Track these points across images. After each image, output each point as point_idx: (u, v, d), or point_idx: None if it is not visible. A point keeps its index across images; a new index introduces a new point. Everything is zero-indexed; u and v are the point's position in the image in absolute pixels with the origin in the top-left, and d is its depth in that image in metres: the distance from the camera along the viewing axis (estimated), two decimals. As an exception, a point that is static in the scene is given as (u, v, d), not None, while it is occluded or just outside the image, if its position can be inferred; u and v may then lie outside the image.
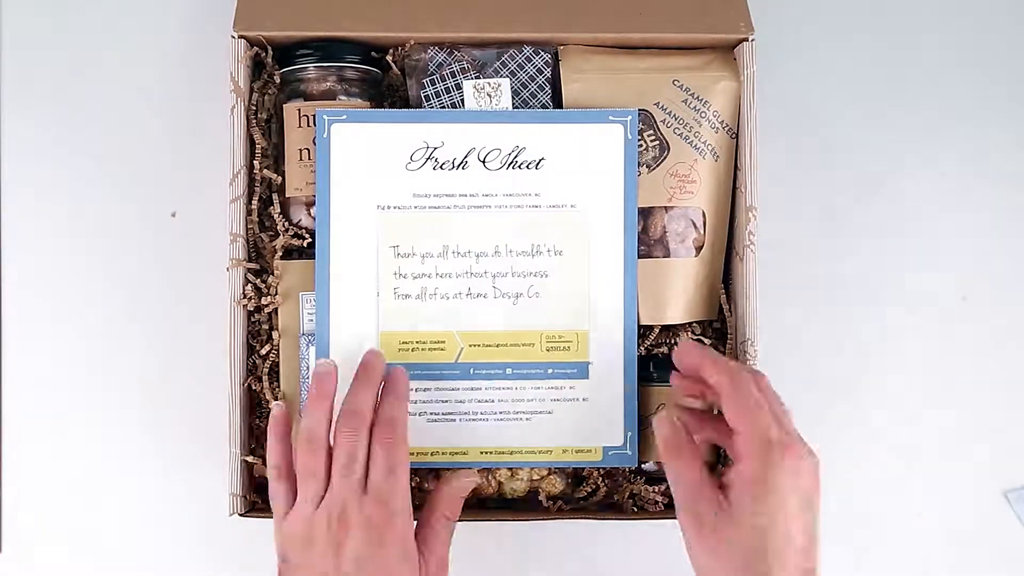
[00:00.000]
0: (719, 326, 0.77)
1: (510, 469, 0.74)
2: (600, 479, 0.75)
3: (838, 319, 0.84)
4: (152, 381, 0.82)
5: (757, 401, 0.61)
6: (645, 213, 0.75)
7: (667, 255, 0.75)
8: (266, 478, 0.74)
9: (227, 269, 0.73)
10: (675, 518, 0.75)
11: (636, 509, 0.75)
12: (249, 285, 0.74)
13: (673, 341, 0.76)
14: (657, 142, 0.74)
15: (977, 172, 0.85)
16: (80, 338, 0.82)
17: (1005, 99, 0.86)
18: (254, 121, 0.75)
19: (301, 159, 0.74)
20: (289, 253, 0.75)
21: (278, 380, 0.74)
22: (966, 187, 0.85)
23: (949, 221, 0.85)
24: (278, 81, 0.76)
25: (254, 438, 0.75)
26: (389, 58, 0.75)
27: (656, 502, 0.74)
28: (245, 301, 0.73)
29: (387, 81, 0.77)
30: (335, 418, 0.65)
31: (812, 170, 0.85)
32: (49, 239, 0.83)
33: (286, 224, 0.74)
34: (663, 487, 0.74)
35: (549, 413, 0.73)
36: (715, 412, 0.68)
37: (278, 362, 0.74)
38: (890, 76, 0.85)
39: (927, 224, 0.85)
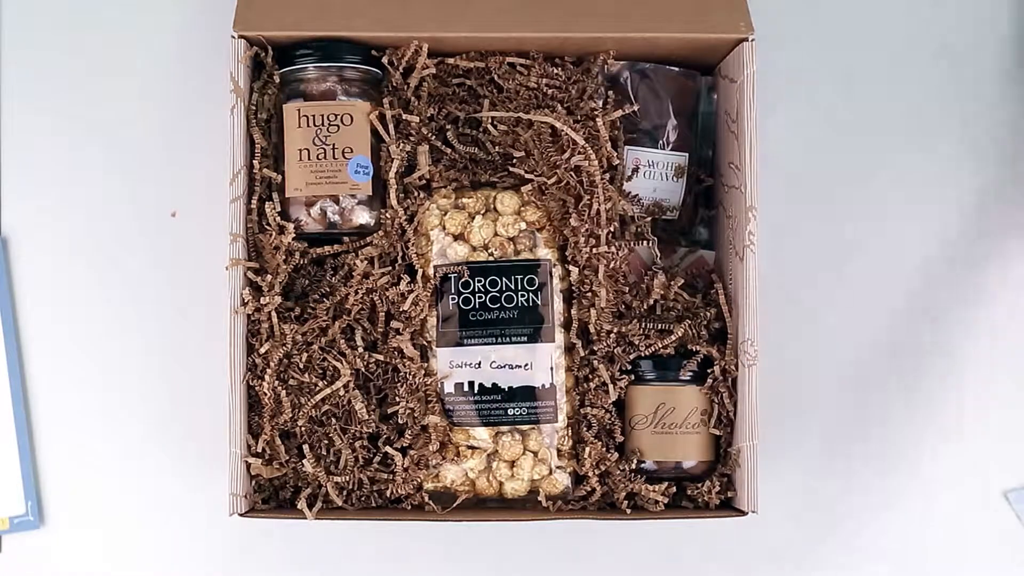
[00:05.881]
0: (719, 326, 0.77)
1: (511, 469, 0.74)
2: (598, 479, 0.75)
3: (838, 319, 0.84)
4: (152, 381, 0.82)
5: None
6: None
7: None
8: (265, 477, 0.74)
9: (227, 268, 0.73)
10: (675, 518, 0.75)
11: (632, 509, 0.75)
12: (247, 289, 0.73)
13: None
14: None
15: (977, 172, 0.85)
16: (80, 338, 0.82)
17: (1005, 98, 0.86)
18: (254, 121, 0.75)
19: (301, 159, 0.74)
20: (290, 253, 0.75)
21: (279, 379, 0.74)
22: (966, 187, 0.85)
23: (949, 220, 0.85)
24: (278, 81, 0.76)
25: (254, 437, 0.75)
26: (385, 59, 0.75)
27: (656, 502, 0.74)
28: (243, 308, 0.73)
29: (387, 81, 0.77)
30: None
31: (812, 170, 0.85)
32: (49, 239, 0.83)
33: (285, 224, 0.74)
34: (663, 486, 0.74)
35: None
36: None
37: (281, 359, 0.74)
38: (890, 75, 0.85)
39: (928, 223, 0.85)
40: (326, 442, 0.75)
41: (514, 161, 0.76)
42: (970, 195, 0.85)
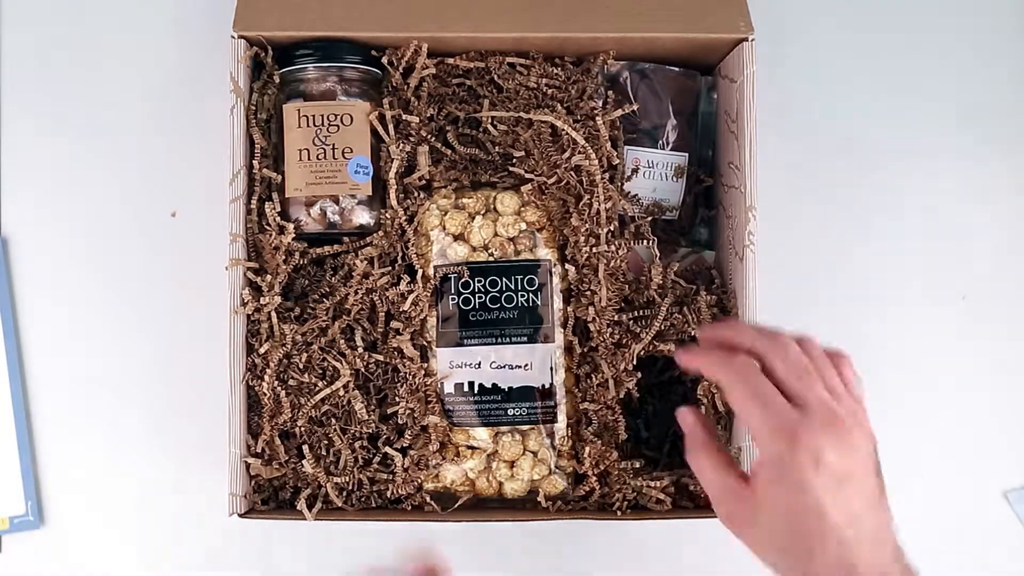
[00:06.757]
0: (718, 313, 0.77)
1: (510, 469, 0.74)
2: (597, 479, 0.75)
3: (838, 319, 0.84)
4: (152, 381, 0.82)
5: (755, 389, 0.59)
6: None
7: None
8: (264, 478, 0.74)
9: (226, 268, 0.72)
10: (675, 518, 0.75)
11: (633, 508, 0.75)
12: (247, 289, 0.73)
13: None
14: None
15: (977, 172, 0.85)
16: (80, 338, 0.82)
17: (1006, 98, 0.86)
18: (254, 121, 0.75)
19: (301, 159, 0.74)
20: (289, 253, 0.75)
21: (279, 379, 0.74)
22: (966, 187, 0.85)
23: (949, 221, 0.85)
24: (278, 81, 0.76)
25: (254, 438, 0.75)
26: (385, 59, 0.75)
27: (659, 500, 0.74)
28: (242, 308, 0.73)
29: (387, 81, 0.77)
30: None
31: (812, 170, 0.85)
32: (49, 239, 0.83)
33: (285, 224, 0.74)
34: (664, 483, 0.74)
35: None
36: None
37: (280, 359, 0.74)
38: (890, 75, 0.85)
39: (927, 224, 0.85)
40: (326, 442, 0.75)
41: (514, 161, 0.76)
42: (972, 193, 0.85)
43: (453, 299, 0.74)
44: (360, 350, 0.75)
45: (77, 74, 0.84)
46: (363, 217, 0.75)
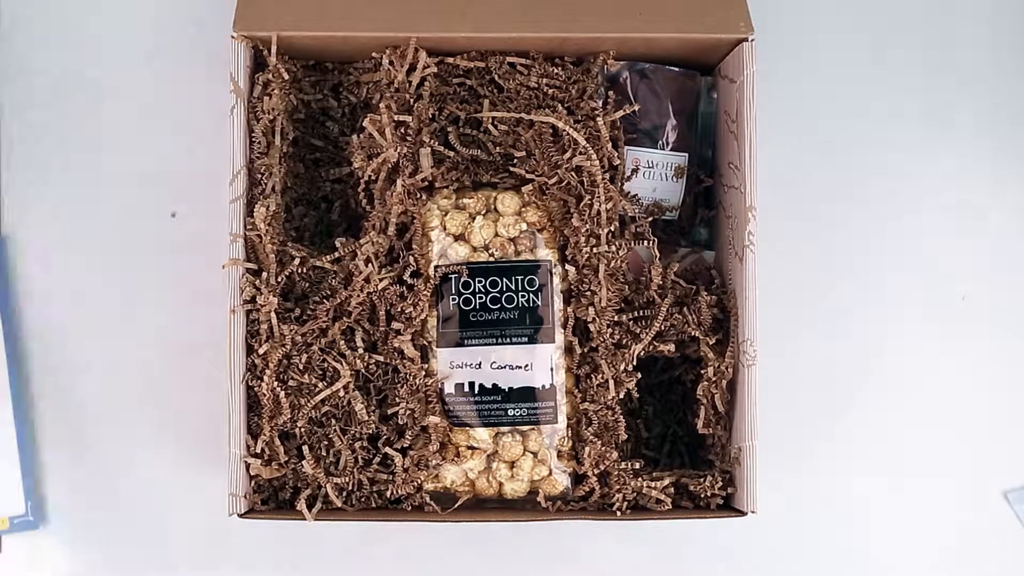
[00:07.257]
0: (719, 315, 0.77)
1: (511, 469, 0.74)
2: (597, 479, 0.75)
3: (837, 319, 0.84)
4: (152, 381, 0.82)
5: None
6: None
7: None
8: (264, 478, 0.74)
9: (223, 267, 0.72)
10: (675, 518, 0.75)
11: (633, 508, 0.75)
12: (247, 288, 0.73)
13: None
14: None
15: (977, 172, 0.85)
16: (80, 338, 0.82)
17: (1006, 98, 0.86)
18: (254, 121, 0.75)
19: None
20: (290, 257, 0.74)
21: (279, 379, 0.74)
22: (966, 187, 0.85)
23: (949, 221, 0.85)
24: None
25: (254, 438, 0.75)
26: (385, 59, 0.75)
27: (659, 500, 0.74)
28: (241, 307, 0.73)
29: (388, 81, 0.76)
30: None
31: (812, 170, 0.85)
32: (49, 239, 0.83)
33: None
34: (664, 483, 0.74)
35: None
36: None
37: (280, 360, 0.74)
38: (890, 76, 0.85)
39: (927, 224, 0.85)
40: (326, 443, 0.75)
41: (515, 161, 0.76)
42: (972, 193, 0.85)
43: (453, 299, 0.74)
44: (360, 351, 0.75)
45: (77, 74, 0.84)
46: (363, 217, 0.74)
